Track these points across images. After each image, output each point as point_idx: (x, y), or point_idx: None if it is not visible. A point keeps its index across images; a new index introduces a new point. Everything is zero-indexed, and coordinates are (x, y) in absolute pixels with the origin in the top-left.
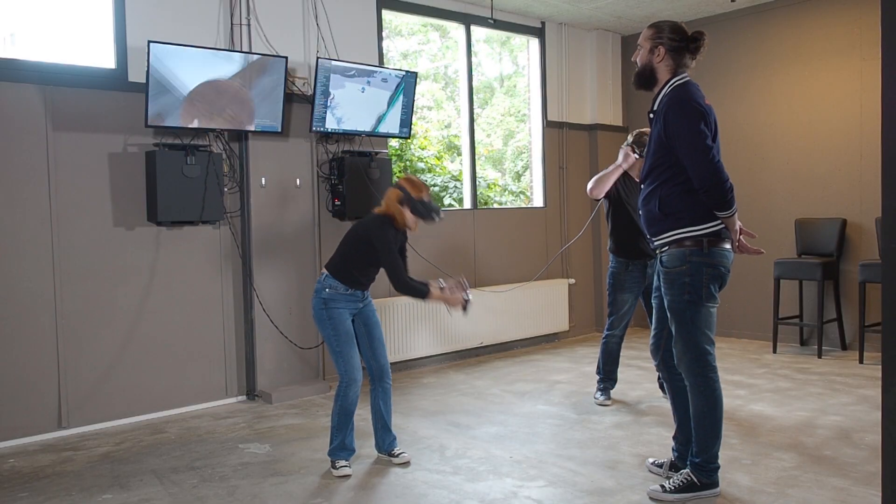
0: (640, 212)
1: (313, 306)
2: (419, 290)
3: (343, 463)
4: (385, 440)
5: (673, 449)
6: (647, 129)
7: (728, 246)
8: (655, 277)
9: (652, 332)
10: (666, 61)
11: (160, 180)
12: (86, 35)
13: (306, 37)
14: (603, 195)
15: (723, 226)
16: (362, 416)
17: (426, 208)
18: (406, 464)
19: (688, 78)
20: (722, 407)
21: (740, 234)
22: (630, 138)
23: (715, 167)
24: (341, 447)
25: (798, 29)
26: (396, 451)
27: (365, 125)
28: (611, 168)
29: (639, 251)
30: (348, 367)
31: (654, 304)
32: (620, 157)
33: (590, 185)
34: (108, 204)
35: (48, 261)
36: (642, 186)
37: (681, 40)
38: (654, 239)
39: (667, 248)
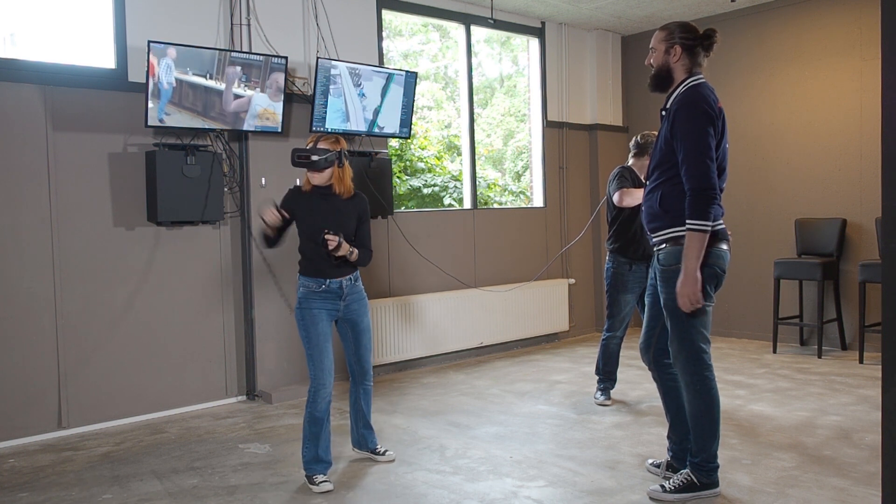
0: (643, 207)
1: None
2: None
3: (322, 477)
4: (368, 438)
5: (668, 449)
6: (654, 132)
7: (725, 246)
8: (650, 275)
9: (643, 331)
10: (682, 60)
11: (160, 180)
12: (86, 35)
13: (306, 37)
14: (631, 205)
15: (721, 226)
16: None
17: (292, 153)
18: (392, 461)
19: (703, 79)
20: (719, 406)
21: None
22: (639, 139)
23: (708, 172)
24: (316, 460)
25: (798, 29)
26: (381, 448)
27: (363, 124)
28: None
29: (643, 252)
30: (317, 371)
31: (646, 302)
32: None
33: (617, 197)
34: (108, 204)
35: (48, 261)
36: (647, 183)
37: (694, 38)
38: (652, 235)
39: (664, 245)
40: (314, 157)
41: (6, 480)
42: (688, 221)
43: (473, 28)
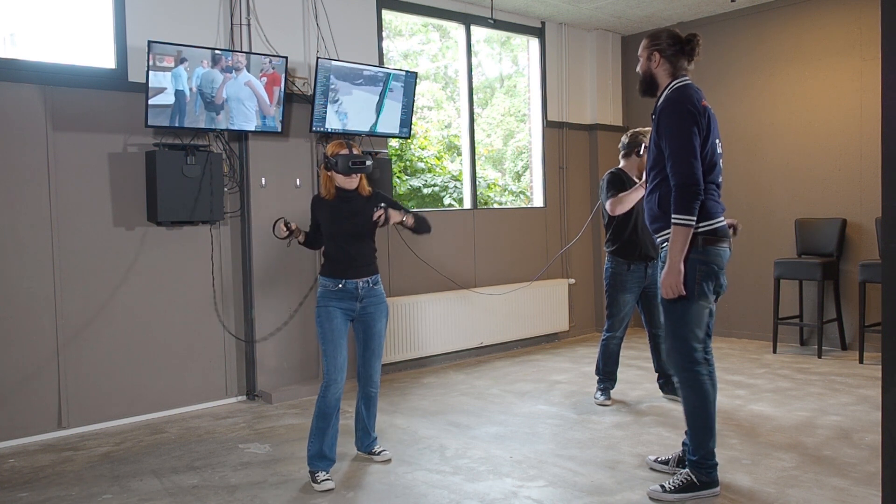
0: (645, 209)
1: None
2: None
3: (324, 476)
4: (364, 441)
5: (684, 443)
6: (641, 129)
7: (725, 245)
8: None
9: None
10: (663, 66)
11: (160, 180)
12: (86, 35)
13: (306, 37)
14: (625, 211)
15: (720, 224)
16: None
17: (341, 160)
18: (388, 461)
19: (687, 81)
20: (713, 401)
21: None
22: (625, 139)
23: (692, 169)
24: (319, 455)
25: (798, 29)
26: (377, 449)
27: (364, 125)
28: (631, 190)
29: (641, 253)
30: (330, 367)
31: None
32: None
33: (610, 207)
34: (108, 204)
35: (48, 261)
36: (646, 184)
37: (675, 44)
38: (655, 235)
39: (666, 244)
40: (368, 163)
41: (6, 480)
42: (673, 216)
43: (473, 28)
